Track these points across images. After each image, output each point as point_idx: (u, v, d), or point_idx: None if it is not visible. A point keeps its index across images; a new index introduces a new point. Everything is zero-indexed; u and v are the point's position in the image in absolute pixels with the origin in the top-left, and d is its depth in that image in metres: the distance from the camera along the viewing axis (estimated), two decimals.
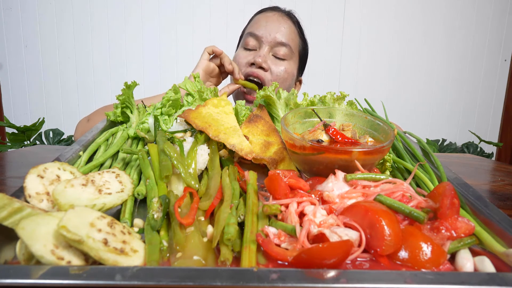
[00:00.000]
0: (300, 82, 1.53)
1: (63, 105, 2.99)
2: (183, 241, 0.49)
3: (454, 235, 0.49)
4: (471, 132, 2.78)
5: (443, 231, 0.49)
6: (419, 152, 0.80)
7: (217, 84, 1.33)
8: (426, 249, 0.45)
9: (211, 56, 1.27)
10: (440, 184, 0.56)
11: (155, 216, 0.53)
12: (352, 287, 0.38)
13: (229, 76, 1.58)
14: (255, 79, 1.29)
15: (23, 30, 2.84)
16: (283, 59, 1.33)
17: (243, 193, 0.63)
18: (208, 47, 1.24)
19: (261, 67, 1.28)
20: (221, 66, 1.27)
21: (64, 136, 2.45)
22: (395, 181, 0.58)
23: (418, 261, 0.45)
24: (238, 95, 1.39)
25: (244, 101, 0.95)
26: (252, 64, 1.29)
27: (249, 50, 1.35)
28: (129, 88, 0.93)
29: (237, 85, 1.26)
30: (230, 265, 0.46)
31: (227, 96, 1.26)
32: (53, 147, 1.34)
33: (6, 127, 2.31)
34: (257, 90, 1.27)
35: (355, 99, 0.96)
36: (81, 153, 0.77)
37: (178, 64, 2.88)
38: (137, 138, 0.87)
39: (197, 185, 0.62)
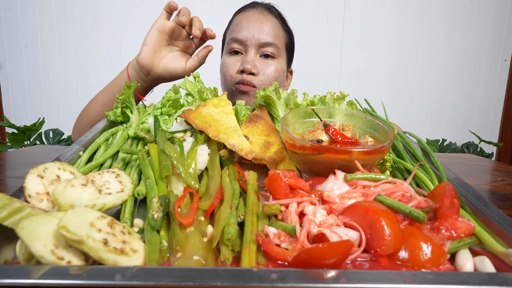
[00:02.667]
0: (291, 72, 1.49)
1: (63, 105, 2.99)
2: (183, 241, 0.49)
3: (454, 235, 0.49)
4: (471, 132, 2.78)
5: (443, 231, 0.49)
6: (419, 152, 0.80)
7: (190, 52, 1.15)
8: (426, 249, 0.45)
9: (174, 14, 1.08)
10: (440, 184, 0.56)
11: (155, 216, 0.53)
12: (352, 287, 0.38)
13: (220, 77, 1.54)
14: (244, 89, 1.25)
15: (23, 30, 2.84)
16: (271, 58, 1.29)
17: (243, 193, 0.63)
18: (166, 4, 1.02)
19: (251, 73, 1.24)
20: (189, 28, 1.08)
21: (64, 136, 2.45)
22: (395, 181, 0.58)
23: (418, 261, 0.45)
24: (234, 94, 1.31)
25: (244, 101, 0.95)
26: (242, 71, 1.25)
27: (235, 55, 1.30)
28: (129, 88, 0.93)
29: (207, 49, 1.12)
30: (230, 265, 0.46)
31: (199, 63, 1.09)
32: (53, 147, 1.34)
33: (6, 127, 2.31)
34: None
35: (355, 99, 0.96)
36: (81, 153, 0.77)
37: None
38: (137, 138, 0.87)
39: (197, 185, 0.62)
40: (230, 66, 1.29)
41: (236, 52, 1.30)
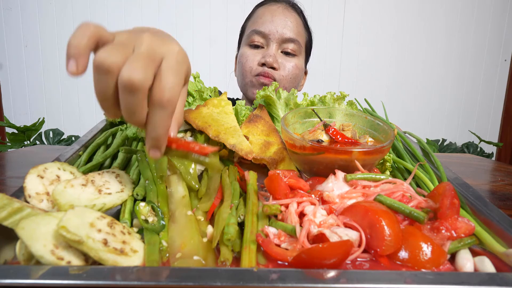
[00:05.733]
0: (306, 73, 1.48)
1: (63, 105, 2.99)
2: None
3: (454, 235, 0.49)
4: (471, 132, 2.78)
5: (443, 231, 0.49)
6: (419, 152, 0.79)
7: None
8: (426, 249, 0.45)
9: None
10: (440, 184, 0.56)
11: (150, 220, 0.53)
12: (352, 287, 0.38)
13: (232, 74, 1.54)
14: (265, 81, 1.23)
15: (23, 30, 2.84)
16: (292, 55, 1.27)
17: (243, 193, 0.63)
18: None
19: (272, 67, 1.23)
20: None
21: (64, 136, 2.45)
22: (395, 181, 0.58)
23: (418, 261, 0.45)
24: (253, 85, 1.28)
25: (244, 101, 0.95)
26: (263, 64, 1.24)
27: (256, 48, 1.28)
28: None
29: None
30: (230, 265, 0.46)
31: None
32: (53, 147, 1.34)
33: (6, 127, 2.31)
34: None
35: (355, 99, 0.96)
36: (81, 153, 0.77)
37: None
38: (136, 139, 0.87)
39: (197, 185, 0.62)
40: (250, 57, 1.27)
41: (256, 46, 1.28)
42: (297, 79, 1.30)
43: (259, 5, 1.37)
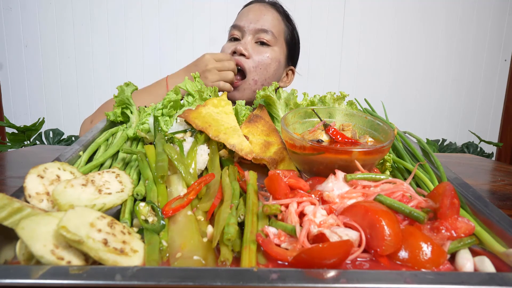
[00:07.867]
0: (293, 72, 1.52)
1: (63, 105, 2.99)
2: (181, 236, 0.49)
3: (454, 235, 0.49)
4: (471, 132, 2.78)
5: (443, 231, 0.49)
6: (419, 152, 0.79)
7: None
8: (426, 249, 0.45)
9: None
10: (440, 184, 0.56)
11: (150, 220, 0.53)
12: (352, 287, 0.38)
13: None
14: (238, 67, 1.30)
15: (23, 30, 2.84)
16: (266, 46, 1.33)
17: (243, 193, 0.63)
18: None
19: (242, 54, 1.30)
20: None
21: (64, 136, 2.45)
22: (395, 181, 0.58)
23: (418, 261, 0.45)
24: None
25: (244, 101, 0.95)
26: (235, 52, 1.31)
27: (234, 41, 1.37)
28: (127, 86, 0.93)
29: None
30: (230, 265, 0.46)
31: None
32: (53, 147, 1.34)
33: (6, 127, 2.31)
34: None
35: (355, 99, 0.96)
36: (81, 153, 0.77)
37: (178, 64, 2.88)
38: (136, 139, 0.87)
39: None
40: (226, 49, 1.36)
41: (235, 39, 1.37)
42: (269, 69, 1.34)
43: (243, 7, 1.47)
